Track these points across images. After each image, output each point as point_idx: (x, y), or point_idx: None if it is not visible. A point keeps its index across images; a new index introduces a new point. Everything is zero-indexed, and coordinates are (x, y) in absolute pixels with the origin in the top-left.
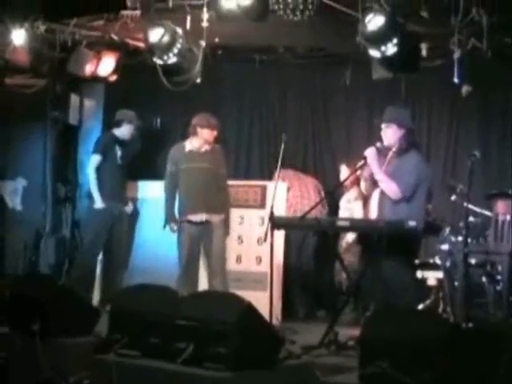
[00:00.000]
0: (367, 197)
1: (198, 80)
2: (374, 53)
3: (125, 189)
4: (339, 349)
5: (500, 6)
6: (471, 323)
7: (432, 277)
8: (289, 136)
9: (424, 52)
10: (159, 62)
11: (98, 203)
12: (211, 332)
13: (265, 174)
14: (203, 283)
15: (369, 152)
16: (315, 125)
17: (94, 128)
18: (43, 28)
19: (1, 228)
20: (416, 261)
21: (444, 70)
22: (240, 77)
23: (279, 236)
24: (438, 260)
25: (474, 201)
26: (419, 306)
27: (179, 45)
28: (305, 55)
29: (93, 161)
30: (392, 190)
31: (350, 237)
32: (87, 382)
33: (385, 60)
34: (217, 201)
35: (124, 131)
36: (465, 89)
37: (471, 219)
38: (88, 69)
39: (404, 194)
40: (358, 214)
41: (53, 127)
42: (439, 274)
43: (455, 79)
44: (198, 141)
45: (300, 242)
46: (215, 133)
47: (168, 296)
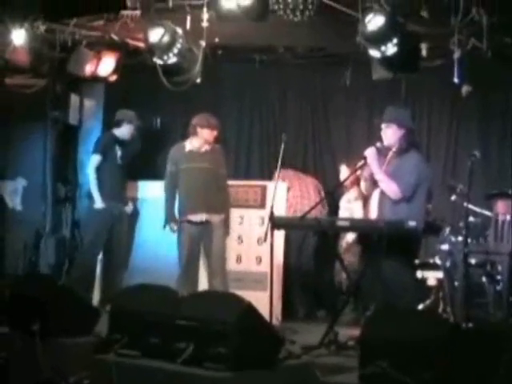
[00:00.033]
0: (367, 197)
1: (198, 80)
2: (374, 53)
3: (125, 189)
4: (339, 349)
5: (500, 6)
6: (471, 323)
7: (432, 277)
8: (289, 136)
9: (424, 52)
10: (159, 62)
11: (98, 203)
12: (211, 332)
13: (265, 174)
14: (203, 283)
15: (369, 152)
16: (315, 125)
17: (94, 128)
18: (43, 28)
19: (1, 228)
20: (416, 261)
21: (444, 70)
22: (240, 77)
23: (279, 236)
24: (438, 260)
25: (474, 201)
26: (419, 306)
27: (179, 45)
28: (305, 55)
29: (93, 161)
30: (392, 190)
31: (350, 237)
32: (87, 382)
33: (385, 60)
34: (217, 201)
35: (124, 131)
36: (465, 89)
37: (471, 219)
38: (88, 69)
39: (404, 194)
40: (358, 214)
41: (53, 127)
42: (439, 274)
43: (455, 79)
44: (198, 141)
45: (300, 242)
46: (215, 133)
47: (168, 296)
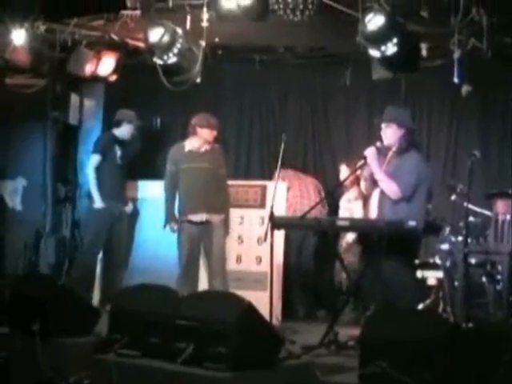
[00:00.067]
0: (367, 197)
1: (198, 80)
2: (374, 53)
3: (124, 188)
4: (339, 349)
5: (500, 6)
6: (471, 323)
7: (432, 276)
8: (289, 136)
9: (424, 52)
10: (159, 62)
11: (98, 203)
12: (211, 332)
13: (265, 174)
14: (203, 283)
15: (369, 152)
16: (315, 125)
17: (94, 128)
18: (43, 28)
19: (1, 228)
20: (416, 260)
21: (444, 70)
22: (240, 77)
23: (279, 236)
24: (438, 260)
25: (474, 201)
26: (419, 306)
27: (179, 45)
28: (305, 55)
29: (92, 161)
30: (392, 190)
31: (350, 237)
32: (87, 382)
33: (385, 60)
34: (217, 201)
35: (124, 131)
36: (465, 89)
37: (471, 219)
38: (88, 69)
39: (404, 194)
40: (358, 214)
41: (53, 127)
42: (439, 274)
43: (455, 79)
44: (198, 141)
45: (300, 242)
46: (215, 133)
47: (168, 296)
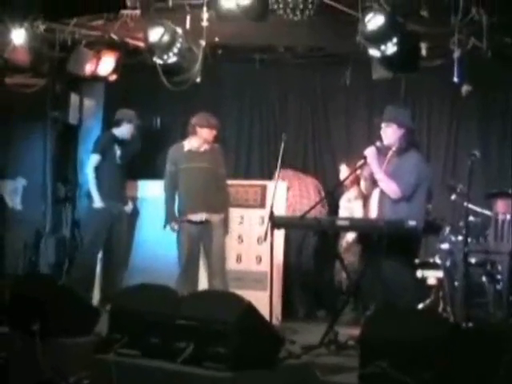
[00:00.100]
0: (367, 196)
1: (198, 79)
2: (374, 52)
3: (124, 188)
4: (339, 348)
5: (500, 6)
6: (471, 323)
7: (432, 276)
8: (289, 136)
9: (424, 51)
10: (159, 62)
11: (97, 202)
12: (211, 332)
13: (265, 174)
14: (203, 283)
15: (369, 151)
16: (315, 124)
17: (94, 127)
18: (43, 27)
19: (1, 227)
20: (416, 260)
21: (444, 70)
22: (240, 76)
23: (279, 235)
24: (438, 259)
25: (474, 200)
26: (419, 306)
27: (179, 44)
28: (305, 55)
29: (92, 160)
30: (392, 190)
31: (350, 236)
32: (87, 382)
33: (385, 59)
34: (216, 200)
35: (124, 131)
36: (465, 88)
37: (471, 219)
38: (88, 68)
39: (404, 194)
40: (358, 214)
41: (53, 127)
42: (439, 274)
43: (455, 79)
44: (197, 140)
45: (300, 242)
46: (214, 132)
47: (168, 296)
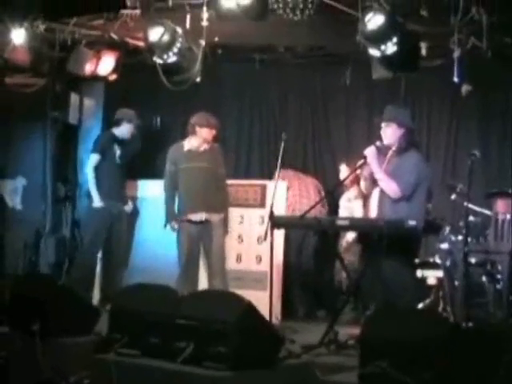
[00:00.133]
0: (367, 196)
1: (198, 79)
2: (374, 52)
3: (124, 188)
4: (339, 348)
5: (500, 5)
6: (471, 323)
7: (432, 276)
8: (289, 135)
9: (424, 51)
10: (159, 61)
11: (97, 202)
12: (211, 331)
13: (265, 174)
14: (203, 282)
15: (369, 151)
16: (315, 124)
17: (94, 127)
18: (43, 27)
19: (1, 227)
20: (416, 260)
21: (444, 70)
22: (240, 76)
23: (279, 235)
24: (438, 259)
25: (474, 200)
26: (419, 306)
27: (179, 44)
28: (305, 55)
29: (91, 160)
30: (392, 189)
31: (350, 236)
32: (87, 382)
33: (384, 59)
34: (216, 200)
35: (123, 130)
36: (465, 88)
37: (471, 218)
38: (88, 68)
39: (404, 193)
40: (358, 213)
41: (53, 126)
42: (439, 273)
43: (455, 78)
44: (197, 140)
45: (300, 242)
46: (214, 132)
47: (168, 295)
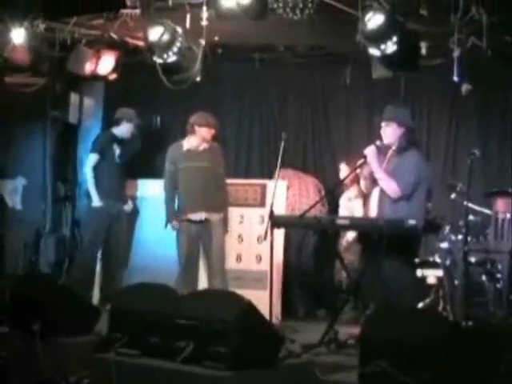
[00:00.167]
0: (367, 195)
1: (198, 79)
2: (374, 51)
3: (124, 187)
4: (339, 347)
5: (500, 5)
6: (471, 322)
7: (432, 275)
8: (289, 135)
9: (424, 50)
10: (159, 61)
11: (96, 202)
12: (211, 331)
13: (265, 173)
14: (203, 282)
15: (369, 150)
16: (315, 124)
17: (94, 127)
18: (43, 27)
19: (1, 227)
20: (416, 259)
21: (444, 69)
22: (240, 76)
23: (279, 235)
24: (438, 258)
25: (474, 199)
26: (419, 305)
27: (179, 43)
28: (305, 54)
29: (90, 159)
30: (392, 189)
31: (350, 235)
32: (87, 382)
33: (384, 58)
34: (216, 199)
35: (123, 130)
36: (464, 87)
37: (471, 218)
38: (88, 67)
39: (403, 193)
40: (359, 212)
41: (52, 126)
42: (439, 273)
43: (455, 78)
44: (196, 139)
45: (300, 241)
46: (213, 131)
47: (168, 295)
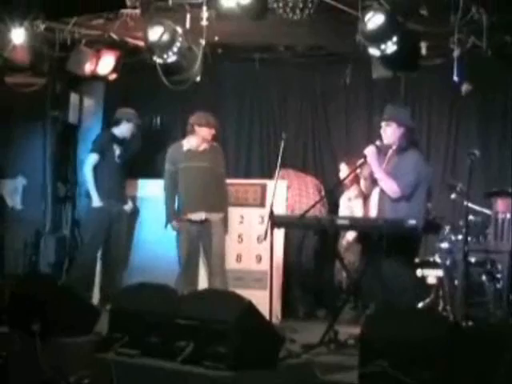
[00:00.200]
0: (367, 195)
1: (198, 79)
2: (374, 51)
3: (123, 187)
4: (339, 347)
5: (500, 5)
6: (471, 322)
7: (432, 275)
8: (289, 135)
9: (424, 50)
10: (159, 61)
11: (95, 202)
12: (211, 331)
13: (265, 173)
14: (203, 282)
15: (368, 150)
16: (315, 124)
17: (94, 127)
18: (43, 27)
19: (1, 227)
20: (416, 259)
21: (444, 69)
22: (240, 75)
23: (279, 235)
24: (438, 258)
25: (474, 199)
26: (419, 305)
27: (179, 43)
28: (305, 54)
29: (90, 160)
30: (391, 189)
31: (350, 235)
32: (87, 381)
33: (384, 58)
34: (216, 199)
35: (123, 130)
36: (465, 87)
37: (471, 218)
38: (88, 67)
39: (403, 193)
40: (359, 212)
41: (52, 126)
42: (439, 273)
43: (455, 78)
44: (196, 139)
45: (300, 241)
46: (213, 131)
47: (168, 295)
